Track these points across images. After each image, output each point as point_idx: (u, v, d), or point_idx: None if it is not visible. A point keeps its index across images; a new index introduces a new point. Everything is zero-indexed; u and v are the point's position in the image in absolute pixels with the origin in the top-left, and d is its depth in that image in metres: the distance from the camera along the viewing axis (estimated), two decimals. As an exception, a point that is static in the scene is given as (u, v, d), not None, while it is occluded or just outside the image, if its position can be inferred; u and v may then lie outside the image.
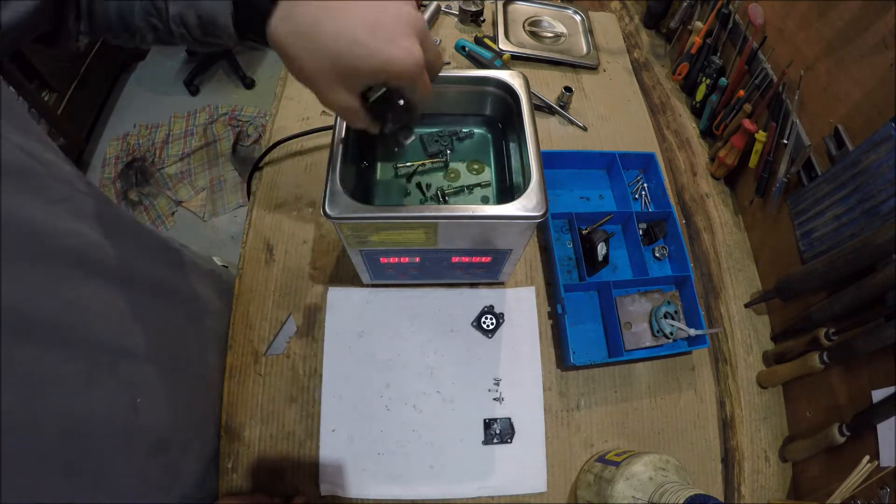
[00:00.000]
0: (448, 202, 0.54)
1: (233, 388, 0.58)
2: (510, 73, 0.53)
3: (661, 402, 0.62)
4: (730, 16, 0.75)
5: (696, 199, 0.78)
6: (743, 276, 0.72)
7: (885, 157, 0.48)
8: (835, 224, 0.55)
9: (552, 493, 0.56)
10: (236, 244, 1.80)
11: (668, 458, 0.48)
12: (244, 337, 0.61)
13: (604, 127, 0.82)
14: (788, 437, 0.62)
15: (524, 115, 0.49)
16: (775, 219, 0.68)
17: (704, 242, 0.74)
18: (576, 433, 0.59)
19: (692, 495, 0.40)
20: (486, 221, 0.44)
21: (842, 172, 0.54)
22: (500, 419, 0.58)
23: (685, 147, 0.83)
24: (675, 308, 0.63)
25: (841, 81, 0.57)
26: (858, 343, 0.50)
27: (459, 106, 0.57)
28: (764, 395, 0.65)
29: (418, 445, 0.57)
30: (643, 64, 0.93)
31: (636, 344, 0.62)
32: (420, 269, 0.57)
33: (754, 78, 0.70)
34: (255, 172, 0.73)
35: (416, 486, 0.55)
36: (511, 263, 0.57)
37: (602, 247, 0.65)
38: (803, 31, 0.62)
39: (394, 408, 0.58)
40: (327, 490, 0.54)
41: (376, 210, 0.43)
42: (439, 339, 0.62)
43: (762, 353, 0.67)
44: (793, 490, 0.60)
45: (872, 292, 0.50)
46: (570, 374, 0.62)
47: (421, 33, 0.36)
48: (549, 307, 0.65)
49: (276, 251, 0.66)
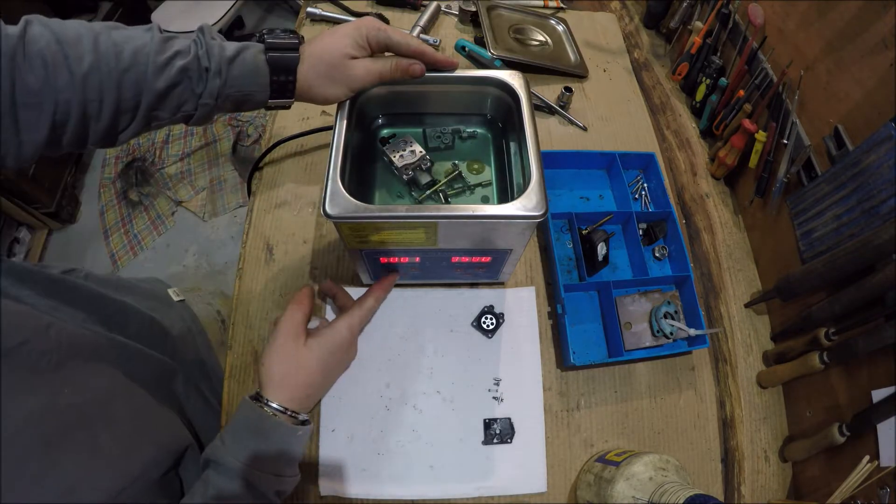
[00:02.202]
0: (448, 202, 0.54)
1: (233, 388, 0.58)
2: (510, 73, 0.53)
3: (661, 402, 0.62)
4: (730, 16, 0.75)
5: (696, 199, 0.78)
6: (743, 276, 0.72)
7: (885, 157, 0.49)
8: (835, 224, 0.55)
9: (552, 493, 0.56)
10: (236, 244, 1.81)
11: (668, 458, 0.48)
12: (244, 337, 0.61)
13: (604, 127, 0.82)
14: (788, 437, 0.62)
15: (524, 115, 0.49)
16: (775, 219, 0.68)
17: (704, 242, 0.74)
18: (576, 433, 0.59)
19: (692, 495, 0.40)
20: (486, 221, 0.44)
21: (842, 172, 0.54)
22: (500, 419, 0.58)
23: (685, 147, 0.83)
24: (675, 308, 0.63)
25: (841, 81, 0.57)
26: (858, 343, 0.50)
27: (459, 106, 0.57)
28: (764, 395, 0.65)
29: (418, 445, 0.57)
30: (643, 64, 0.93)
31: (636, 344, 0.62)
32: (420, 269, 0.58)
33: (754, 78, 0.70)
34: (255, 172, 0.73)
35: (416, 486, 0.55)
36: (511, 263, 0.57)
37: (602, 247, 0.65)
38: (803, 31, 0.62)
39: (394, 408, 0.58)
40: (327, 490, 0.54)
41: (376, 210, 0.43)
42: (439, 339, 0.62)
43: (762, 353, 0.67)
44: (793, 490, 0.60)
45: (872, 292, 0.50)
46: (570, 374, 0.62)
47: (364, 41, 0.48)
48: (549, 307, 0.65)
49: (276, 251, 0.66)
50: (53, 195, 1.74)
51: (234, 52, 0.46)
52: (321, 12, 0.88)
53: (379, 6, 0.93)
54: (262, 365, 0.48)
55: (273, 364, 0.48)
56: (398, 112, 0.58)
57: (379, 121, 0.58)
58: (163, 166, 1.92)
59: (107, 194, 1.89)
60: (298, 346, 0.49)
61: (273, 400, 0.46)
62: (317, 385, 0.51)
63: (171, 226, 1.83)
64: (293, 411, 0.47)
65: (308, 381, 0.49)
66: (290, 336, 0.49)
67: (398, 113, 0.58)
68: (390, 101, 0.56)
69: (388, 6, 0.93)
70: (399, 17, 0.92)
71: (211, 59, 0.44)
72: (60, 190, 1.77)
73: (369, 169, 0.55)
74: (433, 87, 0.54)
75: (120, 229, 1.82)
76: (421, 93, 0.55)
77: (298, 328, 0.50)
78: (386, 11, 0.92)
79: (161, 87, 0.42)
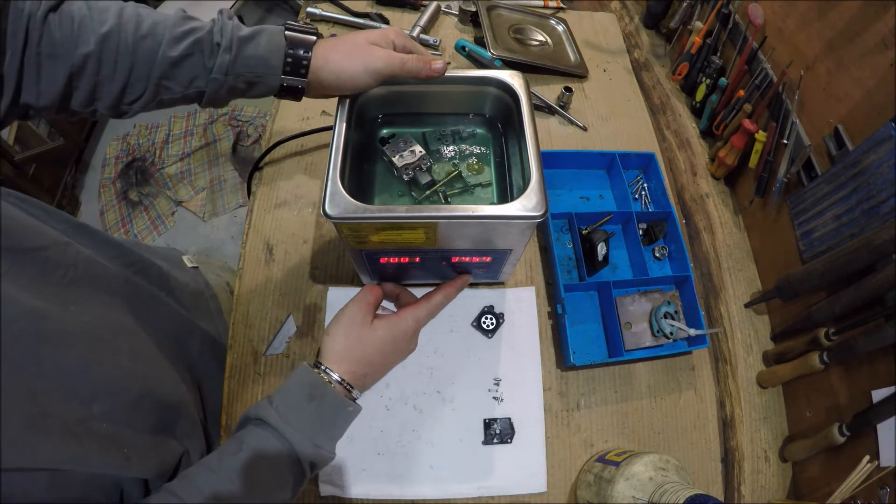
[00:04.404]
0: (448, 202, 0.54)
1: (233, 388, 0.58)
2: (510, 73, 0.53)
3: (661, 402, 0.62)
4: (730, 16, 0.75)
5: (696, 199, 0.78)
6: (743, 276, 0.72)
7: (885, 157, 0.49)
8: (835, 224, 0.55)
9: (552, 493, 0.56)
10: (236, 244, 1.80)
11: (668, 458, 0.48)
12: (244, 337, 0.61)
13: (604, 127, 0.82)
14: (788, 437, 0.62)
15: (524, 115, 0.49)
16: (775, 219, 0.68)
17: (704, 242, 0.74)
18: (576, 433, 0.59)
19: (692, 495, 0.40)
20: (486, 221, 0.44)
21: (842, 172, 0.54)
22: (500, 419, 0.58)
23: (685, 147, 0.83)
24: (675, 308, 0.63)
25: (841, 81, 0.57)
26: (858, 343, 0.50)
27: (460, 106, 0.57)
28: (764, 395, 0.65)
29: (418, 445, 0.57)
30: (643, 64, 0.93)
31: (636, 344, 0.62)
32: (420, 269, 0.57)
33: (754, 78, 0.70)
34: (255, 172, 0.73)
35: (415, 486, 0.55)
36: (511, 263, 0.57)
37: (602, 247, 0.65)
38: (803, 31, 0.62)
39: (394, 408, 0.58)
40: (327, 490, 0.54)
41: (376, 210, 0.43)
42: (439, 339, 0.62)
43: (762, 353, 0.67)
44: (793, 490, 0.60)
45: (872, 292, 0.50)
46: (570, 374, 0.62)
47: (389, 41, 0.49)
48: (549, 307, 0.65)
49: (276, 251, 0.66)
50: (53, 195, 1.74)
51: (250, 32, 0.47)
52: (321, 12, 0.88)
53: (379, 6, 0.93)
54: (326, 335, 0.49)
55: (338, 336, 0.49)
56: (398, 112, 0.58)
57: (379, 121, 0.58)
58: (163, 166, 1.92)
59: (107, 194, 1.89)
60: (366, 323, 0.50)
61: (333, 370, 0.47)
62: (376, 365, 0.50)
63: (171, 226, 1.82)
64: (349, 385, 0.47)
65: (368, 360, 0.49)
66: (358, 313, 0.50)
67: (398, 113, 0.58)
68: (390, 101, 0.56)
69: (388, 6, 0.93)
70: (399, 17, 0.92)
71: (223, 36, 0.45)
72: (60, 190, 1.77)
73: (369, 169, 0.55)
74: (433, 87, 0.54)
75: (120, 229, 1.82)
76: (421, 93, 0.55)
77: (368, 308, 0.51)
78: (386, 11, 0.92)
79: (173, 56, 0.44)
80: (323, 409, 0.45)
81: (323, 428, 0.45)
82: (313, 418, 0.44)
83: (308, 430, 0.44)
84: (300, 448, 0.43)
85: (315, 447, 0.44)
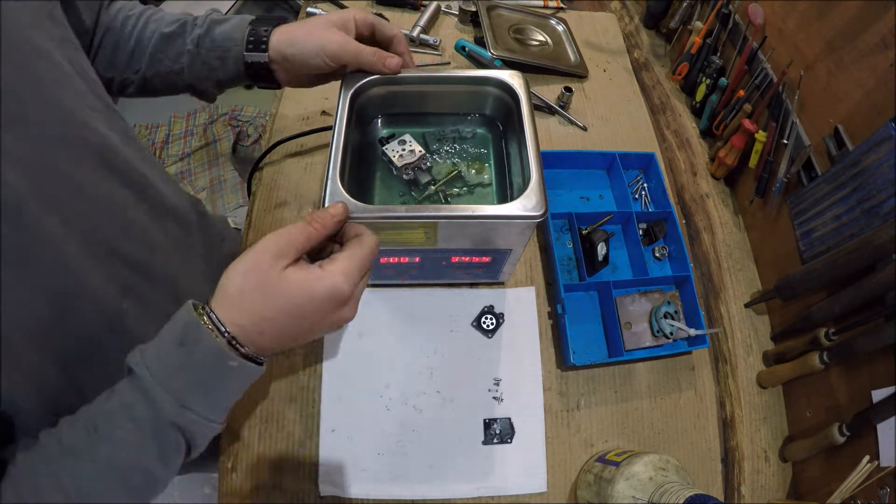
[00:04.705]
0: (448, 202, 0.54)
1: (233, 388, 0.58)
2: (510, 73, 0.53)
3: (661, 402, 0.62)
4: (730, 16, 0.75)
5: (696, 199, 0.78)
6: (743, 276, 0.72)
7: (885, 157, 0.49)
8: (835, 224, 0.55)
9: (552, 493, 0.56)
10: (236, 244, 1.80)
11: (668, 458, 0.48)
12: (244, 337, 0.61)
13: (604, 127, 0.82)
14: (788, 437, 0.62)
15: (524, 115, 0.49)
16: (775, 219, 0.68)
17: (704, 242, 0.74)
18: (576, 433, 0.59)
19: (692, 495, 0.40)
20: (486, 221, 0.44)
21: (842, 172, 0.54)
22: (500, 419, 0.58)
23: (685, 147, 0.83)
24: (675, 308, 0.63)
25: (841, 81, 0.57)
26: (858, 343, 0.50)
27: (460, 106, 0.58)
28: (764, 395, 0.65)
29: (418, 445, 0.57)
30: (643, 64, 0.93)
31: (636, 344, 0.62)
32: (420, 269, 0.58)
33: (754, 78, 0.70)
34: (255, 172, 0.73)
35: (416, 486, 0.55)
36: (511, 263, 0.57)
37: (602, 247, 0.65)
38: (803, 31, 0.62)
39: (394, 408, 0.58)
40: (327, 490, 0.54)
41: (376, 210, 0.43)
42: (439, 339, 0.62)
43: (762, 353, 0.67)
44: (793, 490, 0.60)
45: (872, 292, 0.50)
46: (570, 374, 0.62)
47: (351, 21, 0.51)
48: (549, 307, 0.65)
49: (276, 251, 0.66)
50: (53, 195, 1.74)
51: (223, 17, 0.55)
52: (321, 12, 0.88)
53: (379, 6, 0.93)
54: (224, 273, 0.38)
55: (235, 275, 0.37)
56: (398, 112, 0.58)
57: (378, 121, 0.58)
58: (163, 166, 1.92)
59: (107, 194, 1.89)
60: (274, 268, 0.37)
61: (218, 314, 0.36)
62: (278, 325, 0.37)
63: (171, 226, 1.83)
64: (236, 340, 0.36)
65: (264, 315, 0.37)
66: (270, 252, 0.37)
67: (398, 113, 0.58)
68: (390, 101, 0.56)
69: (388, 6, 0.93)
70: (399, 17, 0.92)
71: (198, 19, 0.55)
72: (60, 190, 1.77)
73: (369, 169, 0.55)
74: (433, 87, 0.54)
75: (120, 229, 1.82)
76: (421, 93, 0.55)
77: (287, 248, 0.38)
78: (386, 11, 0.92)
79: (166, 32, 0.54)
80: (194, 357, 0.35)
81: (195, 384, 0.35)
82: (182, 369, 0.35)
83: (172, 383, 0.34)
84: (161, 406, 0.34)
85: (180, 407, 0.34)
